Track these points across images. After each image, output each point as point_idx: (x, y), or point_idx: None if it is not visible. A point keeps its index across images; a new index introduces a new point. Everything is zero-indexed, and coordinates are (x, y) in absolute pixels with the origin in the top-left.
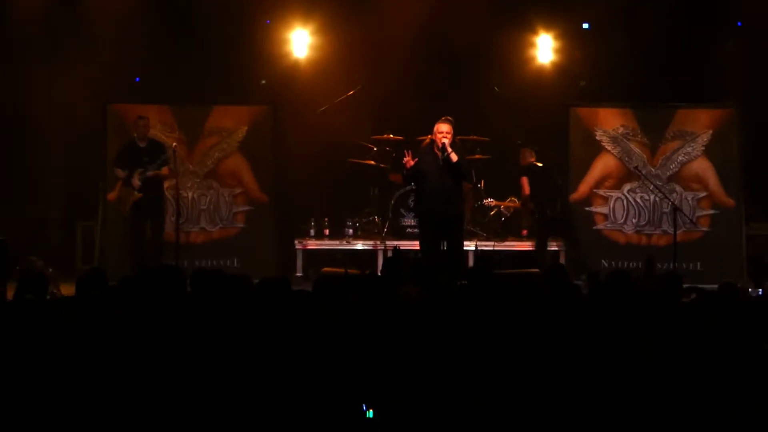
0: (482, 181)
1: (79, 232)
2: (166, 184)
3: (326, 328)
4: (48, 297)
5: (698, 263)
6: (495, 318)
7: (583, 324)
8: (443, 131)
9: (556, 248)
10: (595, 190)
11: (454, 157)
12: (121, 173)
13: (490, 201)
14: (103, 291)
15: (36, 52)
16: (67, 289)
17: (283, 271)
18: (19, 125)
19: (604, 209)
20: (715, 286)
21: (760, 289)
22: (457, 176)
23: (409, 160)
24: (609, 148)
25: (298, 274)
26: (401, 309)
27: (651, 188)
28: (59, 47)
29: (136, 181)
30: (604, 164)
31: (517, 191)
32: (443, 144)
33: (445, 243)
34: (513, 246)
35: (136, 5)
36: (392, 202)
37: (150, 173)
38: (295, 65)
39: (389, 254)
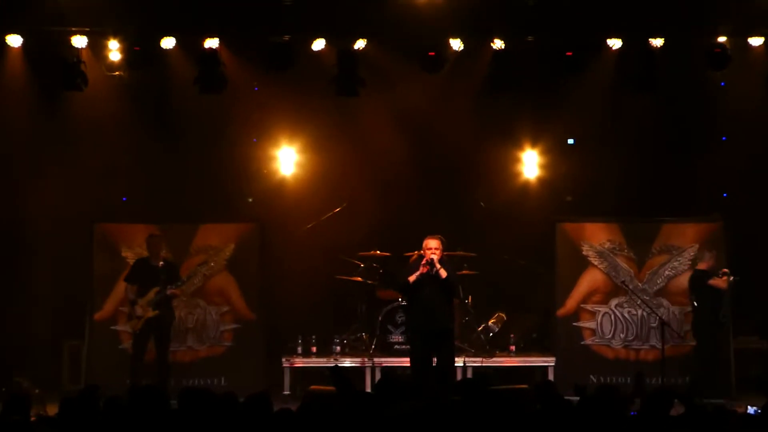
0: (470, 297)
1: (66, 351)
2: (173, 303)
3: None
4: (33, 418)
5: (687, 378)
6: None
7: None
8: (432, 247)
9: (545, 364)
10: (582, 305)
11: (443, 273)
12: (132, 291)
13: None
14: (90, 411)
15: (20, 167)
16: (54, 410)
17: (270, 389)
18: (4, 241)
19: (591, 324)
20: (704, 400)
21: (752, 408)
22: (446, 292)
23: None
24: (596, 262)
25: (285, 392)
26: (393, 424)
27: (638, 303)
28: (42, 163)
29: (139, 309)
30: (591, 279)
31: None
32: (431, 260)
33: (435, 358)
34: (501, 362)
35: (121, 122)
36: (380, 318)
37: (169, 292)
38: (281, 183)
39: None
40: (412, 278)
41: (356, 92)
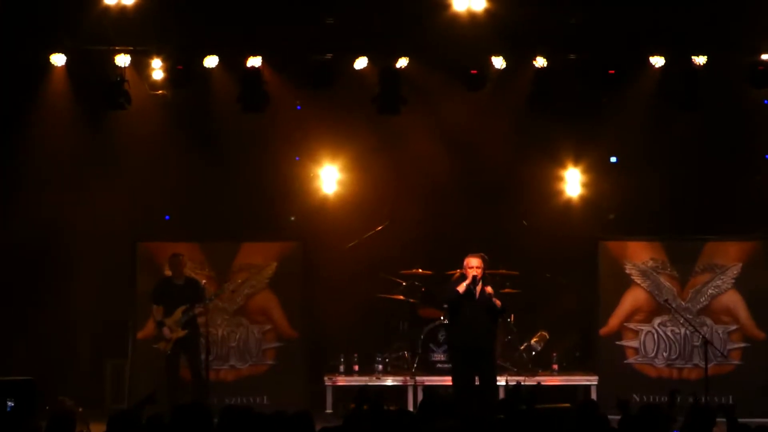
0: (512, 316)
1: (108, 370)
2: (199, 320)
3: None
4: None
5: (730, 396)
6: None
7: None
8: (473, 266)
9: (587, 383)
10: (625, 324)
11: (498, 302)
12: (159, 312)
13: None
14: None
15: (64, 185)
16: (97, 429)
17: (313, 407)
18: (48, 260)
19: (634, 343)
20: (747, 419)
21: None
22: (490, 311)
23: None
24: (638, 281)
25: (327, 411)
26: None
27: (681, 321)
28: (86, 181)
29: (167, 332)
30: (633, 297)
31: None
32: (474, 277)
33: (477, 376)
34: (543, 381)
35: (164, 140)
36: (422, 336)
37: (197, 311)
38: (324, 201)
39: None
40: (461, 288)
41: (398, 110)
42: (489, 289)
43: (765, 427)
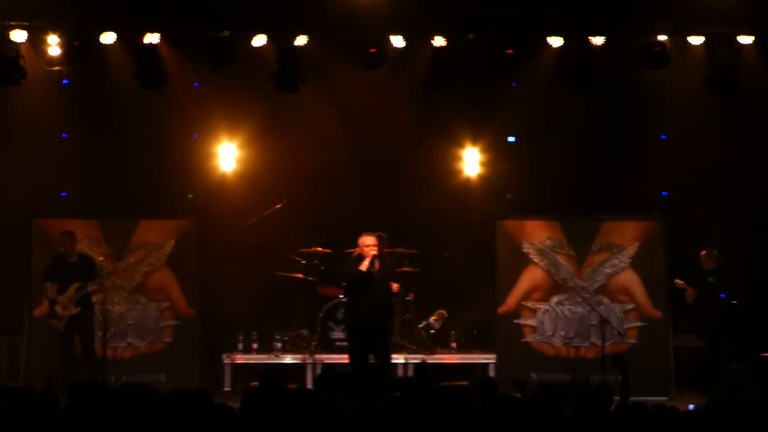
0: (411, 294)
1: (4, 347)
2: (94, 298)
3: None
4: None
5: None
6: (431, 429)
7: None
8: (369, 243)
9: (485, 361)
10: (523, 303)
11: (396, 287)
12: (53, 289)
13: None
14: (24, 407)
15: None
16: None
17: (210, 385)
18: None
19: (532, 321)
20: (643, 398)
21: (692, 405)
22: (385, 289)
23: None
24: (536, 260)
25: (226, 389)
26: (333, 420)
27: (579, 300)
28: None
29: (59, 309)
30: (531, 276)
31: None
32: (373, 256)
33: (373, 354)
34: (442, 359)
35: (62, 117)
36: (321, 315)
37: (90, 289)
38: (222, 179)
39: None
40: (363, 267)
41: (297, 88)
42: (396, 286)
43: (660, 406)
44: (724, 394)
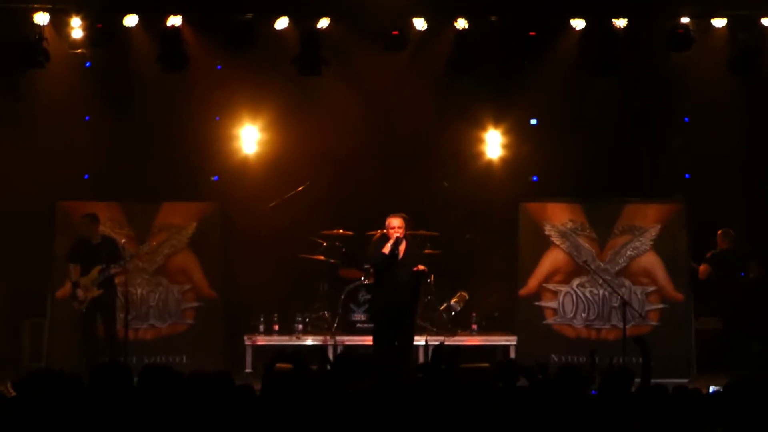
0: (432, 276)
1: (26, 329)
2: (116, 280)
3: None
4: None
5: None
6: (451, 411)
7: (534, 416)
8: (395, 226)
9: (506, 343)
10: (544, 285)
11: (420, 268)
12: (75, 271)
13: None
14: (49, 390)
15: None
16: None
17: (232, 367)
18: None
19: (553, 304)
20: (664, 380)
21: (713, 387)
22: (411, 272)
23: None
24: (558, 242)
25: (247, 370)
26: (351, 401)
27: (600, 283)
28: (2, 141)
29: (81, 292)
30: (553, 259)
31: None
32: (396, 238)
33: (396, 337)
34: (463, 341)
35: (84, 100)
36: (342, 297)
37: (113, 271)
38: (244, 161)
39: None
40: (386, 249)
41: (319, 71)
42: (421, 266)
43: (681, 387)
44: (744, 376)
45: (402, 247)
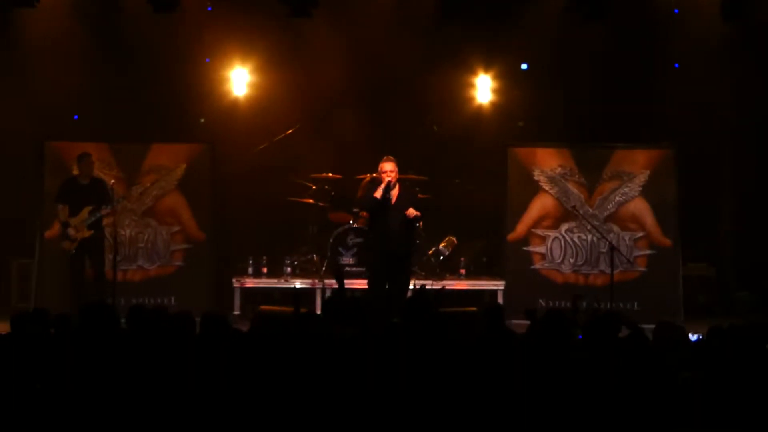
0: (420, 221)
1: (14, 269)
2: (104, 222)
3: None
4: None
5: (635, 303)
6: (430, 355)
7: (519, 362)
8: (387, 170)
9: (494, 287)
10: (532, 230)
11: (411, 213)
12: (64, 211)
13: None
14: (41, 329)
15: None
16: (2, 327)
17: (220, 309)
18: None
19: (541, 249)
20: (652, 326)
21: (697, 335)
22: (404, 216)
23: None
24: (547, 188)
25: (235, 312)
26: (336, 346)
27: (588, 228)
28: None
29: (72, 231)
30: (541, 204)
31: (453, 231)
32: (388, 182)
33: (389, 281)
34: (451, 285)
35: (73, 40)
36: (331, 240)
37: (103, 213)
38: (234, 104)
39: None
40: (378, 194)
41: (309, 13)
42: (412, 211)
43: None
44: (725, 324)
45: (395, 192)
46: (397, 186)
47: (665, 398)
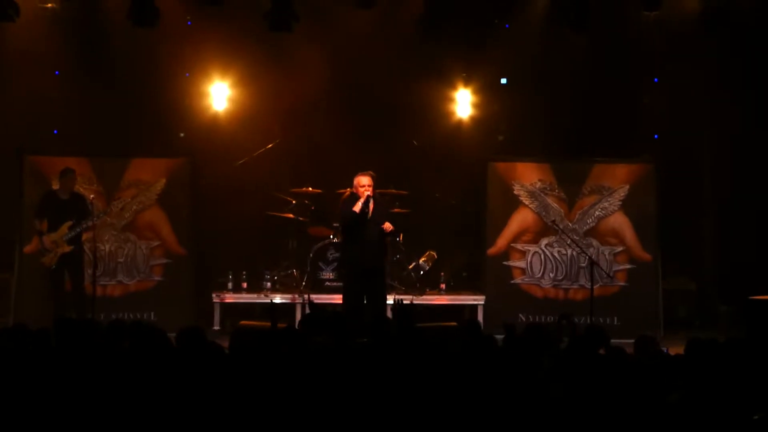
0: (401, 235)
1: None
2: (83, 237)
3: (242, 380)
4: None
5: (615, 318)
6: (409, 371)
7: (498, 375)
8: (364, 184)
9: (475, 302)
10: (512, 244)
11: (388, 227)
12: (43, 227)
13: None
14: (18, 345)
15: None
16: None
17: (200, 324)
18: None
19: (521, 263)
20: (631, 340)
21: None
22: (381, 230)
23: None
24: (527, 202)
25: (215, 328)
26: (314, 360)
27: (568, 242)
28: None
29: (49, 244)
30: (521, 218)
31: (433, 245)
32: (367, 196)
33: (366, 296)
34: (431, 300)
35: (53, 54)
36: (311, 255)
37: (82, 228)
38: (214, 118)
39: (306, 308)
40: (356, 208)
41: (290, 28)
42: (388, 226)
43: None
44: (703, 338)
45: (371, 206)
46: (372, 201)
47: (647, 414)
